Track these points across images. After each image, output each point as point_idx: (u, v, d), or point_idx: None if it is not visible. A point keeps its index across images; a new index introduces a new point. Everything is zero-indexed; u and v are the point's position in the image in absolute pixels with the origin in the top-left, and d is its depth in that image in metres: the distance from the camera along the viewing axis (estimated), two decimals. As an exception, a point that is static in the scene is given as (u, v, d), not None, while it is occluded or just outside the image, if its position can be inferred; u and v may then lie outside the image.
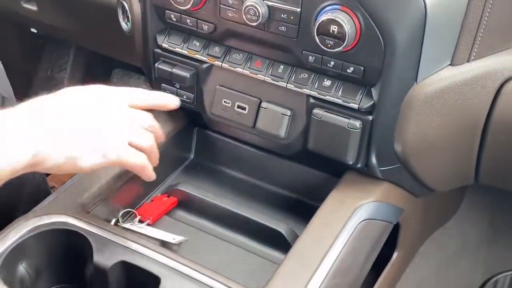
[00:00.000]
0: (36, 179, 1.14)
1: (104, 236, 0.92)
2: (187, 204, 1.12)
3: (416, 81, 0.93)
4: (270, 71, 1.02)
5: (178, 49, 1.08)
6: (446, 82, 0.94)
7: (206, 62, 1.07)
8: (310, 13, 0.92)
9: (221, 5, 0.98)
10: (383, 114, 0.95)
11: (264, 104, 1.05)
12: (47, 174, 1.23)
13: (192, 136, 1.24)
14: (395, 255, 1.22)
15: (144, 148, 0.91)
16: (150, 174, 0.94)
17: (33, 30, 1.76)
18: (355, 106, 0.95)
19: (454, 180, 1.15)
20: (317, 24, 0.90)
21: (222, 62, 1.05)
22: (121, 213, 1.06)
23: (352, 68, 0.93)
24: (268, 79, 1.02)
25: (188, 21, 1.04)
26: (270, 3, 0.94)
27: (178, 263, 0.89)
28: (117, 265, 0.90)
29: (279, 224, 1.05)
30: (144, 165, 0.92)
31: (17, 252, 0.90)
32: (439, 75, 0.94)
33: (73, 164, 0.84)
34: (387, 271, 1.20)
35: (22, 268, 0.93)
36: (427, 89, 0.93)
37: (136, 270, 0.89)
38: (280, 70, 1.01)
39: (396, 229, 1.14)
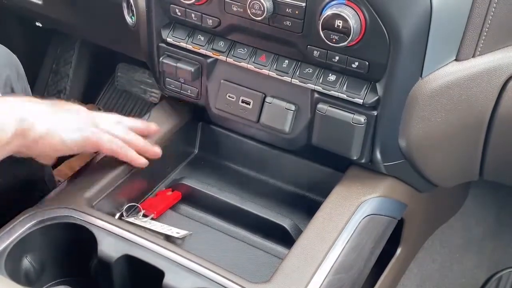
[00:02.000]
0: (44, 173, 1.15)
1: (109, 230, 0.92)
2: (191, 198, 1.12)
3: (421, 76, 0.93)
4: (275, 65, 1.01)
5: (182, 44, 1.08)
6: (451, 77, 0.93)
7: (210, 57, 1.07)
8: (315, 8, 0.91)
9: (225, 0, 0.98)
10: (388, 109, 0.95)
11: (268, 99, 1.05)
12: (53, 168, 1.24)
13: (197, 131, 1.24)
14: (399, 250, 1.22)
15: (118, 136, 1.02)
16: (135, 159, 1.04)
17: (38, 24, 1.76)
18: (360, 101, 0.95)
19: (458, 175, 1.14)
20: (322, 19, 0.89)
21: (226, 57, 1.05)
22: (125, 207, 1.06)
23: (357, 63, 0.93)
24: (273, 74, 1.02)
25: (192, 15, 1.04)
26: (275, -2, 0.94)
27: (182, 257, 0.89)
28: (121, 258, 0.90)
29: (283, 219, 1.05)
30: (120, 148, 1.01)
31: (22, 245, 0.91)
32: (444, 70, 0.93)
33: (55, 136, 0.93)
34: (391, 266, 1.20)
35: (27, 262, 0.93)
36: (432, 85, 0.93)
37: (140, 264, 0.89)
38: (284, 65, 1.01)
39: (400, 225, 1.14)
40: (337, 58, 0.94)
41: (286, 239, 1.03)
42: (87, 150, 1.00)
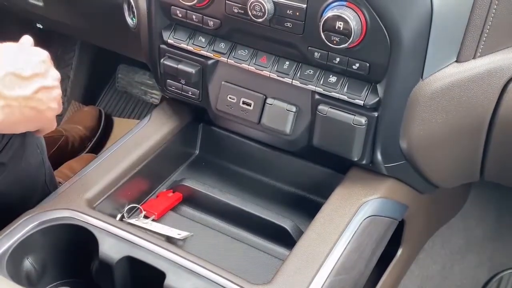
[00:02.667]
0: (45, 175, 1.15)
1: (110, 231, 0.93)
2: (192, 199, 1.12)
3: (422, 77, 0.93)
4: (276, 67, 1.02)
5: (183, 45, 1.08)
6: (452, 78, 0.93)
7: (211, 58, 1.07)
8: (316, 9, 0.91)
9: (226, 1, 0.98)
10: (389, 110, 0.95)
11: (269, 100, 1.05)
12: (54, 169, 1.24)
13: (197, 132, 1.24)
14: (400, 251, 1.22)
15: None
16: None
17: (38, 25, 1.77)
18: (361, 102, 0.95)
19: (459, 176, 1.14)
20: (322, 20, 0.89)
21: (227, 58, 1.05)
22: (126, 208, 1.06)
23: (357, 65, 0.93)
24: (274, 75, 1.02)
25: (193, 17, 1.04)
26: (275, -1, 0.94)
27: (183, 258, 0.89)
28: (122, 260, 0.90)
29: (284, 220, 1.05)
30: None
31: (23, 247, 0.91)
32: (445, 71, 0.93)
33: None
34: (392, 267, 1.21)
35: (28, 263, 0.93)
36: (432, 86, 0.93)
37: (141, 265, 0.89)
38: (285, 66, 1.01)
39: (401, 226, 1.14)
40: (337, 59, 0.94)
41: (287, 240, 1.03)
42: None
